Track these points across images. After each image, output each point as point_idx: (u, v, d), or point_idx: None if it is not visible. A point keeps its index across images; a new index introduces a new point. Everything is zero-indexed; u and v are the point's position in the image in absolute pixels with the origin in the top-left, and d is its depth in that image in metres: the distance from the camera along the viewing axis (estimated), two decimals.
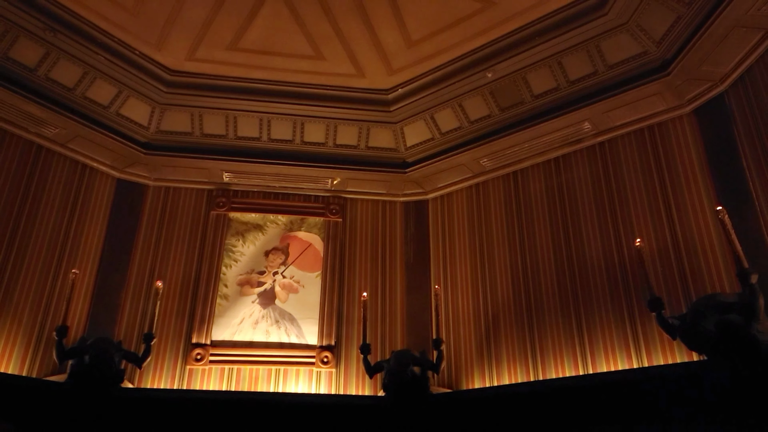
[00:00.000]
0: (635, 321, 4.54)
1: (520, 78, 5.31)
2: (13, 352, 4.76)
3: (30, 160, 5.33)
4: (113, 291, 5.51)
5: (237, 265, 5.96)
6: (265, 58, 5.34)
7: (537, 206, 5.55)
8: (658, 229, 4.71)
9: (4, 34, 4.72)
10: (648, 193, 4.89)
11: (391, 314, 5.83)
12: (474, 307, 5.54)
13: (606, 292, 4.80)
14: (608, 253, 4.90)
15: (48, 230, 5.29)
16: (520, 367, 5.03)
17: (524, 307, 5.23)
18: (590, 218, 5.15)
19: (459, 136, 5.87)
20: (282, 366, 5.46)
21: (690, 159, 4.77)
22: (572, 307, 4.93)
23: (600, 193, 5.18)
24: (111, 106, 5.52)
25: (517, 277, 5.39)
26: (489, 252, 5.70)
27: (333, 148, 6.15)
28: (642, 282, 4.45)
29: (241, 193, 6.27)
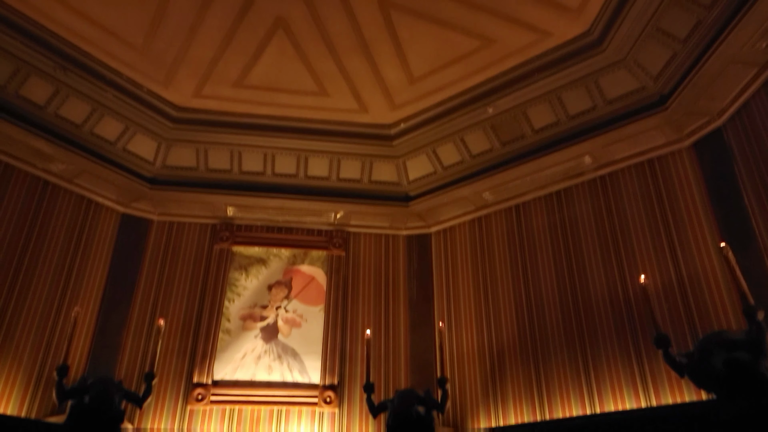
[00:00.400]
0: (642, 358, 4.48)
1: (520, 113, 5.40)
2: (13, 392, 4.70)
3: (36, 196, 5.37)
4: (115, 329, 5.48)
5: (240, 299, 5.95)
6: (271, 95, 5.45)
7: (540, 240, 5.55)
8: (662, 265, 4.70)
9: (17, 72, 4.83)
10: (651, 229, 4.89)
11: (394, 352, 5.78)
12: (479, 344, 5.48)
13: (612, 328, 4.76)
14: (613, 289, 4.88)
15: (51, 267, 5.29)
16: (526, 405, 4.94)
17: (529, 344, 5.18)
18: (594, 254, 5.14)
19: (461, 170, 5.93)
20: (284, 406, 5.37)
21: (691, 193, 4.80)
22: (578, 344, 4.89)
23: (603, 228, 5.18)
24: (118, 141, 5.61)
25: (522, 314, 5.35)
26: (493, 288, 5.67)
27: (336, 181, 6.22)
28: (648, 319, 4.42)
29: (245, 227, 6.30)
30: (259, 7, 4.46)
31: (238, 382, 5.44)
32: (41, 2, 4.43)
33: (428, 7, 4.48)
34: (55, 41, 4.78)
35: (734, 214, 4.40)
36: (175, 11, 4.50)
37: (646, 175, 5.15)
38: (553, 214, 5.59)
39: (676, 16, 4.30)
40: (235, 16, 4.52)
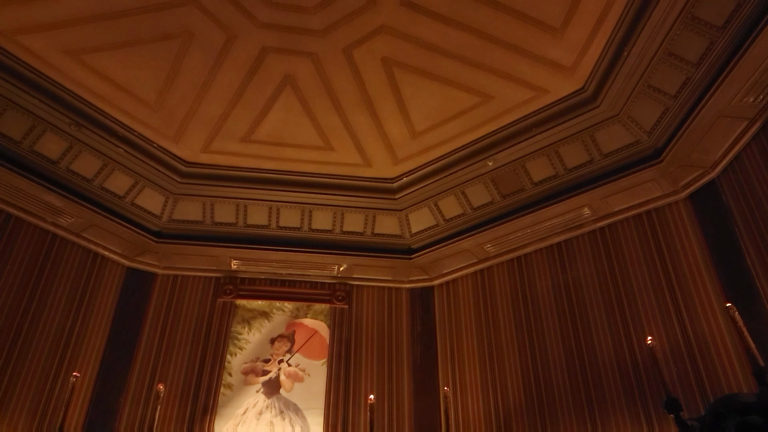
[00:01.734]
0: (652, 422, 4.39)
1: (519, 166, 5.55)
2: None
3: (43, 249, 5.45)
4: (113, 395, 5.42)
5: (242, 353, 5.92)
6: (277, 149, 5.62)
7: (543, 296, 5.56)
8: (668, 325, 4.66)
9: (32, 128, 5.01)
10: (654, 287, 4.90)
11: (398, 418, 5.67)
12: (485, 409, 5.38)
13: (620, 391, 4.66)
14: (619, 350, 4.82)
15: (53, 326, 5.29)
16: None
17: (536, 407, 5.08)
18: (598, 313, 5.11)
19: (462, 222, 6.03)
20: None
21: (691, 247, 4.84)
22: (586, 407, 4.79)
23: (606, 284, 5.20)
24: (126, 196, 5.74)
25: (528, 376, 5.26)
26: (498, 349, 5.61)
27: (340, 234, 6.30)
28: (657, 381, 4.37)
29: (249, 280, 6.34)
30: (268, 65, 4.69)
31: None
32: (60, 61, 4.66)
33: (429, 65, 4.71)
34: (71, 98, 4.98)
35: (737, 273, 4.40)
36: (188, 69, 4.72)
37: (645, 226, 5.23)
38: (555, 267, 5.63)
39: (666, 74, 4.51)
40: (246, 73, 4.75)
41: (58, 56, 4.59)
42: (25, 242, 5.33)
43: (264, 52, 4.58)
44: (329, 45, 4.56)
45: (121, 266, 6.04)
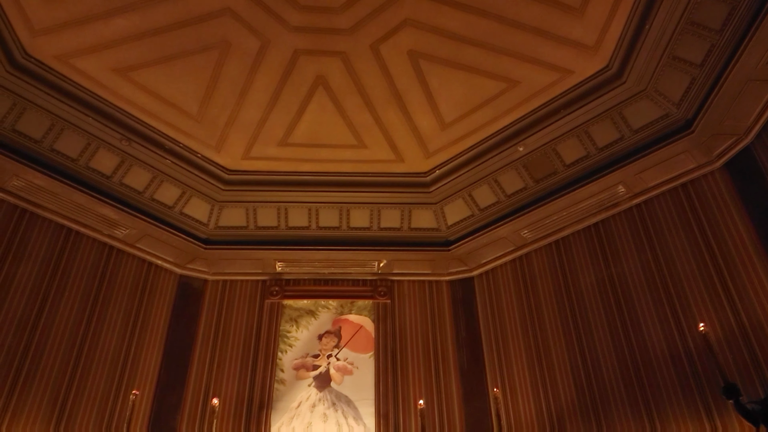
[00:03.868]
0: (711, 411, 4.29)
1: (550, 149, 5.63)
2: None
3: (102, 262, 5.78)
4: (170, 412, 5.62)
5: (292, 350, 6.12)
6: (313, 151, 5.86)
7: (585, 278, 5.55)
8: (719, 309, 4.53)
9: (87, 146, 5.38)
10: (698, 263, 4.81)
11: (449, 423, 5.68)
12: (536, 410, 5.34)
13: (675, 382, 4.56)
14: (670, 339, 4.71)
15: (114, 338, 5.54)
16: None
17: (589, 405, 5.01)
18: (643, 296, 5.04)
19: (497, 211, 6.13)
20: None
21: (732, 217, 4.77)
22: (641, 402, 4.70)
23: (647, 262, 5.14)
24: (175, 205, 6.06)
25: (578, 373, 5.20)
26: (544, 342, 5.58)
27: (378, 231, 6.48)
28: (712, 369, 4.28)
29: (293, 281, 6.56)
30: (301, 67, 4.94)
31: None
32: (109, 80, 5.02)
33: (454, 55, 4.88)
34: (121, 115, 5.34)
35: None
36: (227, 78, 5.02)
37: (681, 200, 5.19)
38: (594, 248, 5.63)
39: (690, 43, 4.55)
40: (280, 77, 5.01)
41: (107, 75, 4.95)
42: (86, 255, 5.67)
43: (296, 55, 4.84)
44: (357, 42, 4.79)
45: (173, 274, 6.34)
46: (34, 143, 5.16)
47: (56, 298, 5.27)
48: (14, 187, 5.15)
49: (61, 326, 5.20)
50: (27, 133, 5.09)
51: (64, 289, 5.36)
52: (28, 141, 5.12)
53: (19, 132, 5.06)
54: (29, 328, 4.99)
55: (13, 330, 4.87)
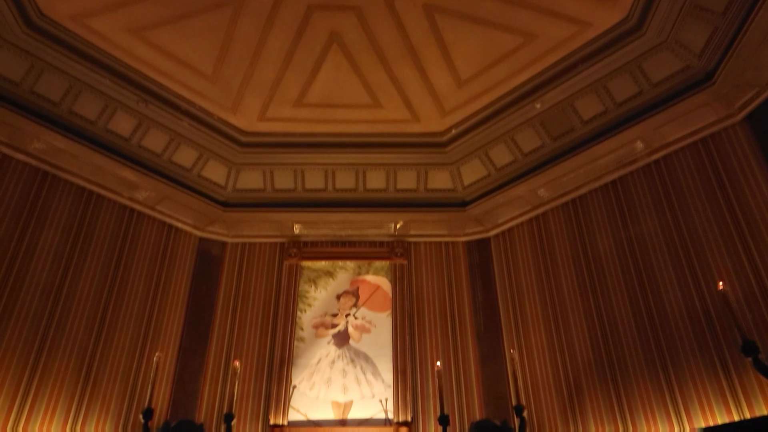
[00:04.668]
0: (729, 370, 4.28)
1: (568, 106, 5.57)
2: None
3: (123, 225, 5.87)
4: (193, 375, 5.72)
5: (311, 309, 6.22)
6: (328, 111, 5.86)
7: (601, 236, 5.52)
8: (738, 267, 4.49)
9: (105, 108, 5.43)
10: (717, 220, 4.77)
11: (466, 382, 5.73)
12: (553, 371, 5.36)
13: (692, 341, 4.55)
14: (688, 298, 4.69)
15: (137, 301, 5.63)
16: (609, 428, 4.79)
17: (606, 365, 5.01)
18: (660, 254, 5.01)
19: (514, 170, 6.10)
20: None
21: (752, 171, 4.70)
22: (658, 361, 4.69)
23: (665, 219, 5.10)
24: (193, 168, 6.12)
25: (595, 333, 5.19)
26: (561, 304, 5.57)
27: (394, 192, 6.50)
28: (730, 328, 4.26)
29: (311, 243, 6.62)
30: (315, 24, 4.91)
31: (312, 422, 5.55)
32: (124, 40, 5.05)
33: (470, 8, 4.81)
34: (137, 77, 5.37)
35: None
36: (241, 36, 5.01)
37: (701, 154, 5.11)
38: (611, 206, 5.59)
39: None
40: (294, 35, 4.99)
41: (122, 35, 4.97)
42: (107, 219, 5.74)
43: (310, 11, 4.80)
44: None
45: (193, 237, 6.42)
46: (53, 105, 5.23)
47: (79, 263, 5.37)
48: (35, 149, 5.24)
49: (84, 290, 5.30)
50: (45, 95, 5.15)
51: (87, 254, 5.45)
52: (47, 103, 5.19)
53: (37, 94, 5.13)
54: (54, 293, 5.09)
55: (38, 295, 4.97)
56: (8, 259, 4.90)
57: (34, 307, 4.92)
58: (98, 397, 5.04)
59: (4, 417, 4.45)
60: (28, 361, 4.73)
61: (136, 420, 5.10)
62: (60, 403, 4.80)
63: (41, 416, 4.66)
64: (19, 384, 4.62)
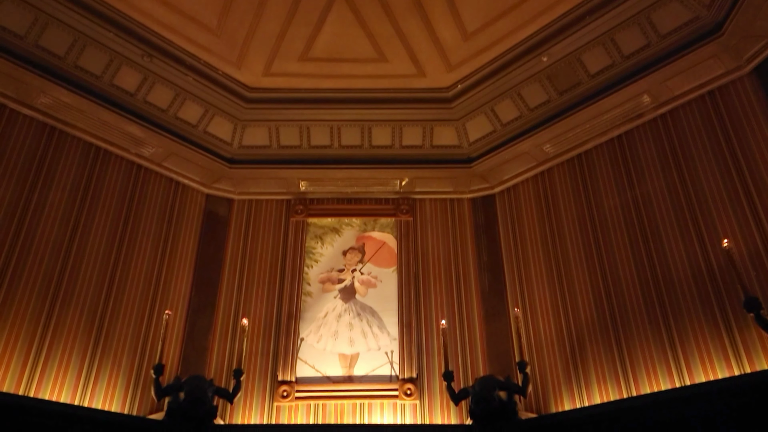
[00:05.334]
0: (731, 326, 4.32)
1: (575, 59, 5.53)
2: (115, 392, 5.06)
3: (131, 182, 5.91)
4: (202, 332, 5.79)
5: (318, 265, 6.31)
6: (333, 66, 5.83)
7: (606, 193, 5.53)
8: (744, 225, 4.49)
9: (110, 62, 5.42)
10: (723, 176, 4.76)
11: (470, 340, 5.80)
12: (557, 329, 5.42)
13: (695, 299, 4.58)
14: (692, 256, 4.71)
15: (145, 258, 5.69)
16: (612, 385, 4.85)
17: (609, 323, 5.05)
18: (666, 211, 5.02)
19: (520, 125, 6.09)
20: (366, 400, 5.50)
21: (760, 127, 4.67)
22: (661, 319, 4.74)
23: (671, 177, 5.09)
24: (199, 124, 6.13)
25: (598, 292, 5.23)
26: (565, 263, 5.59)
27: (399, 149, 6.51)
28: (733, 286, 4.29)
29: (317, 200, 6.66)
30: None
31: (321, 379, 5.66)
32: None
33: None
34: (141, 30, 5.34)
35: None
36: None
37: (708, 108, 5.09)
38: (616, 162, 5.58)
39: None
40: None
41: None
42: (115, 175, 5.77)
43: None
44: None
45: (200, 194, 6.46)
46: (58, 59, 5.22)
47: (88, 222, 5.41)
48: (42, 104, 5.25)
49: (94, 249, 5.36)
50: (50, 48, 5.14)
51: (95, 211, 5.49)
52: (52, 57, 5.18)
53: (42, 48, 5.12)
54: (63, 252, 5.15)
55: (48, 254, 5.03)
56: (18, 217, 4.96)
57: (44, 266, 4.98)
58: (110, 354, 5.13)
59: (18, 373, 4.54)
60: (40, 319, 4.81)
61: (148, 375, 5.20)
62: (73, 359, 4.89)
63: (54, 371, 4.76)
64: (32, 341, 4.70)
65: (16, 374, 4.52)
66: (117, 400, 5.03)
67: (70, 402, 4.75)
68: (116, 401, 5.02)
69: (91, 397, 4.88)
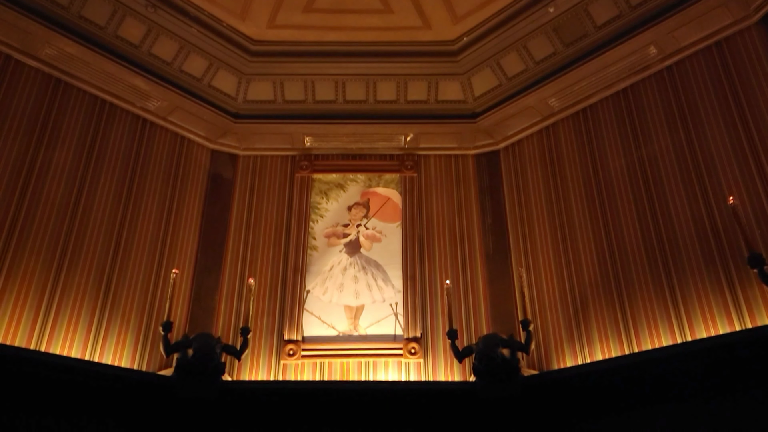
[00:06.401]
0: (734, 283, 4.34)
1: (581, 10, 5.49)
2: (125, 349, 5.14)
3: (137, 135, 5.92)
4: (209, 292, 5.84)
5: (323, 220, 6.37)
6: (338, 17, 5.79)
7: (611, 151, 5.52)
8: (749, 183, 4.50)
9: (114, 13, 5.39)
10: (729, 132, 4.74)
11: (474, 301, 5.84)
12: (560, 289, 5.46)
13: (699, 257, 4.60)
14: (697, 214, 4.72)
15: (152, 216, 5.72)
16: (613, 341, 4.90)
17: (612, 283, 5.09)
18: (671, 169, 5.01)
19: (525, 79, 6.07)
20: (371, 358, 5.58)
21: (765, 75, 4.66)
22: (664, 278, 4.76)
23: (677, 132, 5.08)
24: (204, 78, 6.12)
25: (602, 251, 5.24)
26: (570, 223, 5.61)
27: (404, 104, 6.50)
28: (737, 245, 4.29)
29: (322, 156, 6.68)
30: None
31: (327, 338, 5.73)
32: None
33: None
34: None
35: None
36: None
37: (714, 59, 5.07)
38: (621, 116, 5.57)
39: None
40: None
41: None
42: (121, 130, 5.78)
43: None
44: None
45: (206, 149, 6.47)
46: (62, 9, 5.19)
47: (94, 178, 5.42)
48: (47, 55, 5.24)
49: (100, 208, 5.38)
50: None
51: (102, 168, 5.49)
52: (55, 6, 5.16)
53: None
54: (70, 210, 5.17)
55: (55, 213, 5.05)
56: (24, 175, 4.96)
57: (51, 226, 4.99)
58: (118, 312, 5.19)
59: (29, 330, 4.59)
60: (48, 277, 4.85)
61: (156, 333, 5.25)
62: (82, 317, 4.94)
63: (64, 329, 4.81)
64: (41, 298, 4.75)
65: (27, 329, 4.58)
66: (126, 357, 5.11)
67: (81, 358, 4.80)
68: (125, 358, 5.10)
69: (101, 354, 4.94)
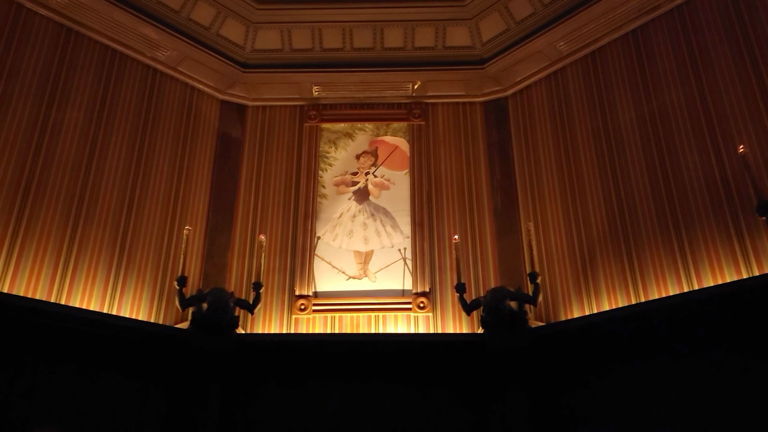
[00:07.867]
0: (743, 233, 4.32)
1: None
2: (141, 304, 5.30)
3: (147, 86, 6.00)
4: (221, 250, 5.97)
5: (332, 169, 6.46)
6: None
7: (620, 96, 5.49)
8: (758, 126, 4.45)
9: None
10: (738, 69, 4.69)
11: (482, 256, 5.91)
12: (568, 243, 5.49)
13: (708, 207, 4.60)
14: (706, 163, 4.69)
15: (164, 170, 5.84)
16: (621, 294, 4.95)
17: (621, 235, 5.10)
18: (681, 116, 4.97)
19: (534, 23, 6.02)
20: (381, 312, 5.71)
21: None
22: (672, 229, 4.77)
23: (686, 77, 5.04)
24: (212, 27, 6.15)
25: (611, 203, 5.26)
26: (578, 175, 5.61)
27: (412, 51, 6.49)
28: (746, 195, 4.27)
29: (330, 105, 6.73)
30: None
31: (337, 293, 5.86)
32: None
33: None
34: None
35: None
36: None
37: None
38: (630, 58, 5.52)
39: None
40: None
41: None
42: (132, 77, 5.87)
43: None
44: None
45: (215, 100, 6.55)
46: None
47: (106, 138, 5.50)
48: (57, 4, 5.30)
49: (114, 163, 5.48)
50: None
51: (113, 126, 5.57)
52: None
53: None
54: (84, 167, 5.27)
55: (69, 170, 5.14)
56: (39, 127, 5.06)
57: (65, 184, 5.08)
58: (134, 267, 5.34)
59: (48, 286, 4.72)
60: (65, 234, 4.97)
61: (171, 288, 5.42)
62: (99, 272, 5.08)
63: (82, 284, 4.95)
64: (59, 255, 4.87)
65: (46, 286, 4.72)
66: (143, 311, 5.28)
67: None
68: (142, 312, 5.27)
69: (118, 308, 5.12)
